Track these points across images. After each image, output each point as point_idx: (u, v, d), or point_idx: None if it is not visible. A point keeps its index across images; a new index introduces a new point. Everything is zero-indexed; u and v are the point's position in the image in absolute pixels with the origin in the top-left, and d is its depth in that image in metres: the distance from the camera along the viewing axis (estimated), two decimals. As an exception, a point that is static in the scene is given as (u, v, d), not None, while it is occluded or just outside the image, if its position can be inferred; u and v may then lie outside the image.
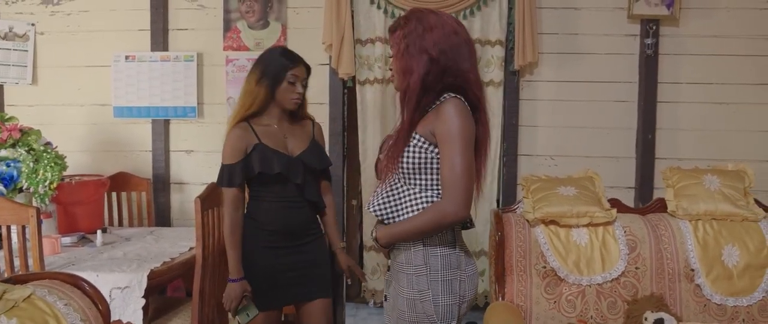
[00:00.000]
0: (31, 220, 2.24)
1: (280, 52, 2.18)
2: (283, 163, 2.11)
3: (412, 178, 1.61)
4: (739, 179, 2.46)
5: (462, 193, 1.52)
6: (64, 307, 1.43)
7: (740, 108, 3.28)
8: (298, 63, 2.16)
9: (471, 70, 1.59)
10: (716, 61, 3.26)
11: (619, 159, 3.36)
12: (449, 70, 1.56)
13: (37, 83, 3.48)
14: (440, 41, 1.56)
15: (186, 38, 3.41)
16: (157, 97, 3.38)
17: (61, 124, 3.45)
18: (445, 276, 1.60)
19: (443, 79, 1.57)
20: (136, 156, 3.47)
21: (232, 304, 2.10)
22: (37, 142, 2.70)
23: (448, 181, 1.54)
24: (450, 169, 1.53)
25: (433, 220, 1.55)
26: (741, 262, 2.30)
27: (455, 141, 1.52)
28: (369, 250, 3.52)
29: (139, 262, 2.40)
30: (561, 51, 3.33)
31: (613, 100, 3.33)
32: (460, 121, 1.53)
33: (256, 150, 2.10)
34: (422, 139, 1.58)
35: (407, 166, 1.60)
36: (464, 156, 1.53)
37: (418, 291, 1.59)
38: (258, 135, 2.12)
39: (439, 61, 1.55)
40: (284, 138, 2.18)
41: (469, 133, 1.55)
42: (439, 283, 1.59)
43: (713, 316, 2.28)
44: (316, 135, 2.27)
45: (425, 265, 1.60)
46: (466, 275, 1.64)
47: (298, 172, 2.13)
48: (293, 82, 2.13)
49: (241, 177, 2.10)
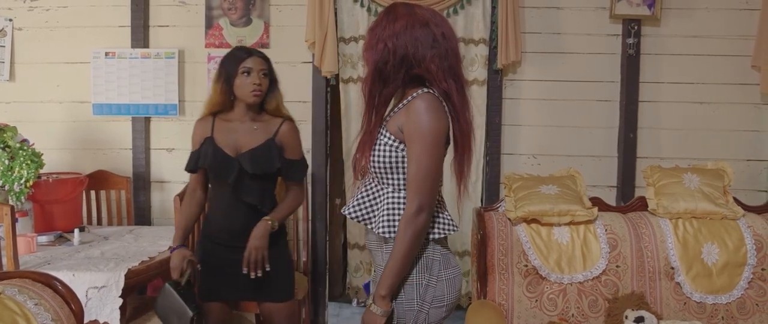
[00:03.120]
0: (6, 218, 2.19)
1: (235, 49, 2.23)
2: (217, 160, 2.13)
3: (385, 178, 1.57)
4: (719, 178, 2.48)
5: (426, 195, 1.49)
6: (34, 306, 1.39)
7: (720, 107, 3.31)
8: (251, 55, 2.16)
9: (433, 59, 1.51)
10: (697, 61, 3.29)
11: (601, 158, 3.37)
12: (407, 59, 1.50)
13: (14, 79, 3.41)
14: (400, 31, 1.50)
15: (167, 35, 3.37)
16: (137, 95, 3.33)
17: (39, 122, 3.39)
18: (422, 279, 1.56)
19: (404, 70, 1.51)
20: (117, 154, 3.42)
21: (175, 272, 2.13)
22: (13, 139, 2.64)
23: (412, 182, 1.50)
24: (416, 170, 1.49)
25: (410, 237, 1.49)
26: (720, 260, 2.32)
27: (422, 139, 1.48)
28: (352, 248, 3.50)
29: (117, 261, 2.36)
30: (544, 50, 3.34)
31: (596, 100, 3.35)
32: (428, 118, 1.48)
33: (204, 143, 2.18)
34: (392, 138, 1.54)
35: (378, 165, 1.56)
36: (431, 156, 1.48)
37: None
38: (214, 129, 2.18)
39: (395, 50, 1.50)
40: (237, 135, 2.17)
41: (439, 130, 1.49)
42: (414, 287, 1.56)
43: (693, 313, 2.30)
44: (280, 135, 2.20)
45: None
46: (445, 278, 1.59)
47: (230, 171, 2.12)
48: (247, 73, 2.12)
49: (193, 165, 2.21)
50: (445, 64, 1.52)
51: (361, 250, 3.48)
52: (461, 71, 1.57)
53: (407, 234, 1.49)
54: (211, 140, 2.16)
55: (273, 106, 2.22)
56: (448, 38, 1.54)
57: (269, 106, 2.22)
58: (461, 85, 1.56)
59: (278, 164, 2.17)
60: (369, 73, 1.56)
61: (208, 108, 2.22)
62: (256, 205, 2.16)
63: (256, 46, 3.35)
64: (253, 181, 2.15)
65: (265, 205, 2.19)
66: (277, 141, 2.19)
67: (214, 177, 2.19)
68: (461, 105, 1.55)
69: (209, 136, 2.17)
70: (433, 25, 1.52)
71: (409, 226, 1.50)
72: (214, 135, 2.17)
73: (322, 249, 3.42)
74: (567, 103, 3.36)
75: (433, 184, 1.51)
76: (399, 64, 1.51)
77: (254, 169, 2.12)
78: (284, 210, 2.22)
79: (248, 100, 2.14)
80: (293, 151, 2.23)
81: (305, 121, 3.38)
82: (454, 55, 1.55)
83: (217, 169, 2.14)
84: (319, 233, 3.39)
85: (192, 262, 2.17)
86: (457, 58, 1.56)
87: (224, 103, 2.18)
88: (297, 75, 3.37)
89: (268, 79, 2.19)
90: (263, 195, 2.19)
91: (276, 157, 2.16)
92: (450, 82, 1.52)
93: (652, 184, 2.51)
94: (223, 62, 2.18)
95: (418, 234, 1.51)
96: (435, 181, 1.51)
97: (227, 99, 2.17)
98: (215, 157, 2.13)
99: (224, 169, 2.13)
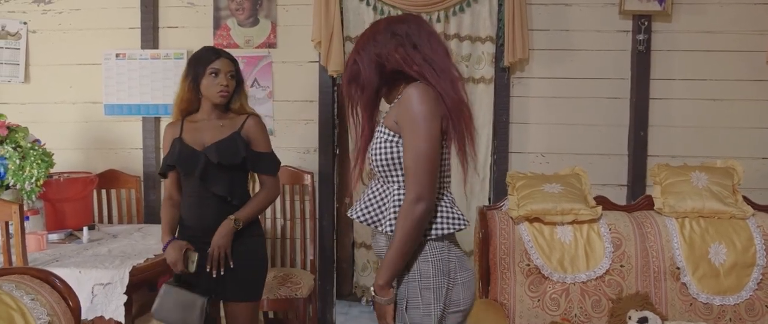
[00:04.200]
0: (14, 216, 2.24)
1: (203, 50, 2.26)
2: (183, 155, 2.19)
3: (389, 175, 1.56)
4: (728, 176, 2.43)
5: (424, 183, 1.46)
6: (30, 301, 1.42)
7: (733, 104, 3.24)
8: (219, 56, 2.20)
9: (397, 50, 1.54)
10: (709, 58, 3.22)
11: (611, 156, 3.33)
12: (378, 64, 1.56)
13: (29, 81, 3.49)
14: (362, 44, 1.59)
15: (176, 36, 3.41)
16: (147, 95, 3.38)
17: (53, 122, 3.46)
18: (441, 284, 1.52)
19: (377, 73, 1.56)
20: (128, 153, 3.47)
21: (177, 265, 2.14)
22: (25, 139, 2.70)
23: (410, 169, 1.48)
24: (413, 157, 1.48)
25: (408, 227, 1.47)
26: (728, 261, 2.27)
27: (415, 126, 1.47)
28: (359, 247, 3.51)
29: (123, 259, 2.40)
30: (552, 47, 3.30)
31: (605, 97, 3.30)
32: (420, 104, 1.48)
33: (173, 144, 2.24)
34: (390, 133, 1.54)
35: (380, 163, 1.55)
36: (426, 141, 1.47)
37: (406, 298, 1.53)
38: (183, 130, 2.25)
39: (363, 60, 1.57)
40: (204, 132, 2.23)
41: (431, 116, 1.48)
42: (432, 291, 1.51)
43: (699, 315, 2.25)
44: (245, 129, 2.23)
45: (416, 272, 1.53)
46: (460, 282, 1.55)
47: (196, 164, 2.17)
48: (215, 75, 2.18)
49: (165, 168, 2.27)
50: (414, 52, 1.54)
51: (368, 249, 3.48)
52: (441, 56, 1.56)
53: (406, 224, 1.47)
54: (179, 140, 2.23)
55: (237, 106, 2.27)
56: (413, 32, 1.56)
57: (234, 105, 2.27)
58: (440, 68, 1.54)
59: (243, 154, 2.19)
60: (345, 88, 1.64)
61: (176, 106, 2.27)
62: (225, 198, 2.19)
63: (263, 46, 3.39)
64: (220, 173, 2.18)
65: (234, 196, 2.21)
66: (243, 134, 2.22)
67: (184, 173, 2.23)
68: (442, 86, 1.52)
69: (178, 136, 2.24)
70: (394, 25, 1.58)
71: (407, 216, 1.47)
72: (182, 136, 2.24)
73: (329, 247, 3.43)
74: (576, 100, 3.32)
75: (430, 170, 1.48)
76: (370, 71, 1.56)
77: (220, 158, 2.15)
78: (253, 207, 2.23)
79: (215, 101, 2.20)
80: (260, 144, 2.26)
81: (311, 121, 3.40)
82: (426, 43, 1.56)
83: (184, 163, 2.19)
84: (326, 231, 3.41)
85: (190, 248, 2.17)
86: (430, 45, 1.56)
87: (191, 100, 2.24)
88: (304, 74, 3.39)
89: (235, 81, 2.24)
90: (232, 186, 2.20)
91: (241, 148, 2.19)
92: (424, 66, 1.53)
93: (659, 182, 2.47)
94: (191, 61, 2.23)
95: (417, 224, 1.48)
96: (432, 167, 1.48)
97: (194, 97, 2.23)
98: (181, 152, 2.19)
99: (191, 163, 2.18)
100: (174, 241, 2.19)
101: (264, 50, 3.40)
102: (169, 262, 2.16)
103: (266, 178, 2.30)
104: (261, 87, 3.41)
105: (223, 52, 2.24)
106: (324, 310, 3.45)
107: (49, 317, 1.44)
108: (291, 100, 3.42)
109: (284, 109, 3.42)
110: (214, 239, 2.14)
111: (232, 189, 2.22)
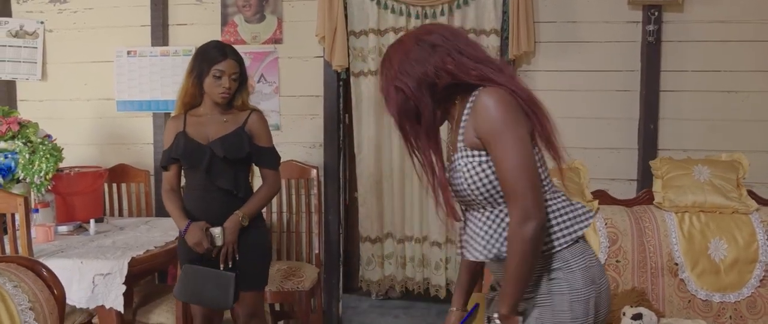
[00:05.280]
0: (19, 208, 2.32)
1: (211, 46, 2.28)
2: (189, 149, 2.22)
3: (493, 199, 1.38)
4: (733, 170, 2.35)
5: (527, 196, 1.28)
6: (12, 288, 1.48)
7: (749, 96, 3.13)
8: (225, 58, 2.22)
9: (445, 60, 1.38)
10: (722, 48, 3.12)
11: (620, 150, 3.26)
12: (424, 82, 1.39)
13: (46, 79, 3.61)
14: (398, 67, 1.41)
15: (185, 33, 3.47)
16: (157, 91, 3.46)
17: (69, 118, 3.57)
18: (590, 293, 1.36)
19: (428, 94, 1.39)
20: (140, 149, 3.56)
21: (202, 245, 2.19)
22: (35, 134, 2.80)
23: (508, 186, 1.31)
24: (508, 171, 1.30)
25: (523, 251, 1.29)
26: (729, 257, 2.20)
27: (503, 136, 1.30)
28: (364, 241, 3.52)
29: (124, 250, 2.46)
30: (559, 40, 3.25)
31: (614, 90, 3.23)
32: (500, 110, 1.31)
33: (177, 138, 2.27)
34: (474, 152, 1.37)
35: (478, 192, 1.37)
36: (517, 148, 1.29)
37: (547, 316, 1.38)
38: (186, 124, 2.28)
39: (407, 85, 1.39)
40: (208, 127, 2.26)
41: (515, 119, 1.31)
42: (581, 303, 1.35)
43: (698, 312, 2.20)
44: (249, 124, 2.29)
45: (564, 283, 1.36)
46: (603, 289, 1.40)
47: (202, 158, 2.21)
48: (219, 77, 2.20)
49: (167, 161, 2.31)
50: (463, 57, 1.38)
51: (373, 243, 3.49)
52: (486, 54, 1.43)
53: (519, 248, 1.30)
54: (183, 133, 2.27)
55: (240, 103, 2.32)
56: (450, 37, 1.41)
57: (236, 102, 2.31)
58: (495, 65, 1.40)
59: (248, 149, 2.25)
60: (397, 122, 1.45)
61: (180, 99, 2.31)
62: (230, 190, 2.25)
63: (270, 42, 3.43)
64: (225, 166, 2.23)
65: (239, 189, 2.27)
66: (247, 129, 2.28)
67: (188, 166, 2.28)
68: (509, 83, 1.37)
69: (181, 130, 2.28)
70: (426, 37, 1.41)
71: (518, 239, 1.30)
72: (186, 129, 2.27)
73: (334, 241, 3.45)
74: (584, 93, 3.25)
75: (531, 181, 1.30)
76: (420, 94, 1.39)
77: (226, 153, 2.20)
78: (256, 202, 2.30)
79: (216, 100, 2.26)
80: (263, 139, 2.32)
81: (317, 115, 3.42)
82: (467, 45, 1.41)
83: (190, 157, 2.23)
84: (331, 225, 3.43)
85: (210, 226, 2.23)
86: (471, 45, 1.42)
87: (195, 95, 2.28)
88: (310, 69, 3.41)
89: (238, 81, 2.27)
90: (236, 180, 2.27)
91: (246, 143, 2.26)
92: (480, 68, 1.38)
93: (660, 176, 2.41)
94: (197, 56, 2.26)
95: (532, 245, 1.30)
96: (532, 177, 1.30)
97: (198, 92, 2.27)
98: (187, 146, 2.24)
99: (196, 157, 2.23)
100: (193, 223, 2.23)
101: (270, 46, 3.44)
102: (193, 243, 2.21)
103: (268, 172, 2.37)
104: (268, 82, 3.45)
105: (229, 52, 2.26)
106: (329, 303, 3.47)
107: (30, 303, 1.49)
108: (297, 95, 3.45)
109: (290, 105, 3.45)
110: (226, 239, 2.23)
111: (236, 182, 2.28)
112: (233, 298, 2.21)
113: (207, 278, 2.23)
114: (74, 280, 2.32)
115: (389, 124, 3.44)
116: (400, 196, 3.44)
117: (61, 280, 2.30)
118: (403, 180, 3.43)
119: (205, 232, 2.21)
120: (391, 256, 3.51)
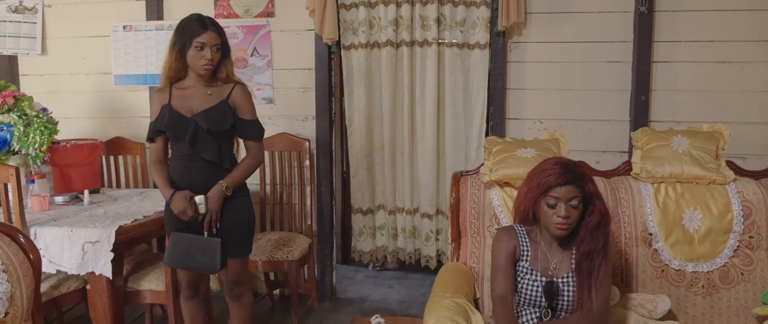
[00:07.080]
0: (11, 178, 2.41)
1: (191, 19, 2.29)
2: (173, 121, 2.25)
3: None
4: (713, 140, 2.32)
5: None
6: (-14, 252, 1.55)
7: (744, 67, 3.07)
8: (206, 30, 2.24)
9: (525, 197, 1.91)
10: (718, 17, 3.06)
11: (611, 122, 3.23)
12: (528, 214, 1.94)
13: (46, 53, 3.69)
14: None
15: (179, 7, 3.51)
16: (152, 65, 3.52)
17: (69, 92, 3.66)
18: None
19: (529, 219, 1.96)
20: (137, 122, 3.64)
21: (186, 213, 2.25)
22: (31, 107, 2.88)
23: None
24: None
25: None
26: (703, 227, 2.19)
27: None
28: (356, 212, 3.57)
29: (113, 219, 2.55)
30: (550, 10, 3.21)
31: (606, 61, 3.20)
32: None
33: (162, 110, 2.30)
34: None
35: None
36: None
37: None
38: (171, 97, 2.31)
39: None
40: (192, 100, 2.29)
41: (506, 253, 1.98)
42: None
43: (671, 281, 2.20)
44: (233, 97, 2.32)
45: None
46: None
47: (186, 130, 2.25)
48: (200, 48, 2.23)
49: (153, 133, 2.35)
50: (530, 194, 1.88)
51: (364, 215, 3.54)
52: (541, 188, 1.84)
53: None
54: (168, 106, 2.31)
55: (224, 75, 2.34)
56: (530, 179, 1.91)
57: (220, 74, 2.34)
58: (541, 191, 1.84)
59: (231, 121, 2.29)
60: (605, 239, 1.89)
61: (164, 73, 2.33)
62: (215, 161, 2.30)
63: (262, 15, 3.45)
64: (209, 138, 2.28)
65: (223, 160, 2.32)
66: (230, 102, 2.32)
67: (173, 138, 2.33)
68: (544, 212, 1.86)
69: (167, 103, 2.31)
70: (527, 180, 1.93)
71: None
72: (171, 102, 2.31)
73: (327, 212, 3.50)
74: (575, 65, 3.23)
75: None
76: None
77: (209, 125, 2.25)
78: (240, 172, 2.35)
79: (199, 72, 2.28)
80: (246, 112, 2.35)
81: (309, 89, 3.45)
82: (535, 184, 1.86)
83: (174, 128, 2.28)
84: (324, 197, 3.48)
85: (193, 195, 2.29)
86: (537, 184, 1.85)
87: (179, 68, 2.31)
88: (301, 43, 3.43)
89: (221, 52, 2.30)
90: (220, 151, 2.32)
91: (229, 116, 2.29)
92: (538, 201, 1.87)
93: (639, 147, 2.39)
94: (178, 30, 2.28)
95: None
96: None
97: (181, 65, 2.30)
98: (171, 118, 2.28)
99: (181, 129, 2.27)
100: (178, 192, 2.29)
101: (263, 19, 3.46)
102: (177, 211, 2.27)
103: (251, 144, 2.41)
104: (260, 56, 3.48)
105: (209, 24, 2.29)
106: (323, 273, 3.54)
107: (3, 266, 1.57)
108: (290, 68, 3.48)
109: (283, 78, 3.48)
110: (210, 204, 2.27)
111: (220, 154, 2.33)
112: (220, 263, 2.28)
113: (194, 244, 2.29)
114: (65, 247, 2.42)
115: (380, 96, 3.46)
116: (392, 168, 3.47)
117: (54, 248, 2.44)
118: (393, 152, 3.46)
119: (189, 201, 2.28)
120: (383, 228, 3.56)
